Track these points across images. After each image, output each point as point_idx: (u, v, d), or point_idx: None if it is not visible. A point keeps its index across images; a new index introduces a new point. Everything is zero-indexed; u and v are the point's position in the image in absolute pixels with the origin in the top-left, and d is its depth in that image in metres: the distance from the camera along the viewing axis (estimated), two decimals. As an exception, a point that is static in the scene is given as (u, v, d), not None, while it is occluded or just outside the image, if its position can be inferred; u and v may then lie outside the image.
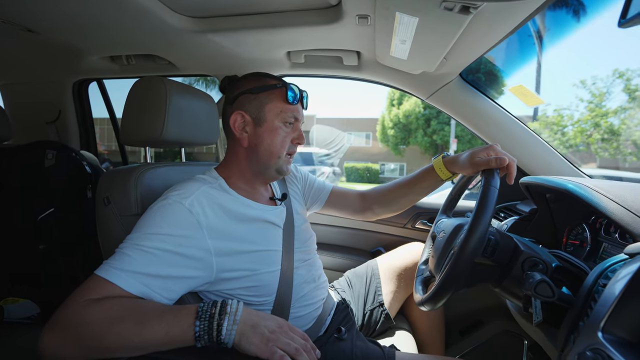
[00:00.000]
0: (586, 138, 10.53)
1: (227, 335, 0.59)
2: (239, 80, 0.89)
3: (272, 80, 0.87)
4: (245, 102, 0.85)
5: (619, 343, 0.46)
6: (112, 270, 0.64)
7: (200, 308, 0.61)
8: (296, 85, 0.87)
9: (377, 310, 1.16)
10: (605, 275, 0.58)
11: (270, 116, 0.85)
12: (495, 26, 0.87)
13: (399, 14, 0.75)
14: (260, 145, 0.85)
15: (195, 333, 0.58)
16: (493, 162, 0.80)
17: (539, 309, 0.68)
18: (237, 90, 0.87)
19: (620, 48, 23.59)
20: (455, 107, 1.33)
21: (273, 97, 0.85)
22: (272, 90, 0.85)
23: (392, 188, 1.11)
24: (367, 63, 1.31)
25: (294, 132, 0.89)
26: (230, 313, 0.60)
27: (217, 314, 0.60)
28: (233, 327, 0.59)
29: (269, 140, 0.85)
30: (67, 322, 0.59)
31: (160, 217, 0.71)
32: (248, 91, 0.85)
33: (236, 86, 0.88)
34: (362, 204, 1.15)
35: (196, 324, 0.58)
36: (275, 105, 0.85)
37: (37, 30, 1.15)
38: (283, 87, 0.85)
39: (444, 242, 0.87)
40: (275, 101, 0.85)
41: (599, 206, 0.71)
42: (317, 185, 1.15)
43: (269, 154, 0.86)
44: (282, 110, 0.85)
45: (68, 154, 1.44)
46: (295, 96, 0.86)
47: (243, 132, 0.86)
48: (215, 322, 0.59)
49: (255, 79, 0.88)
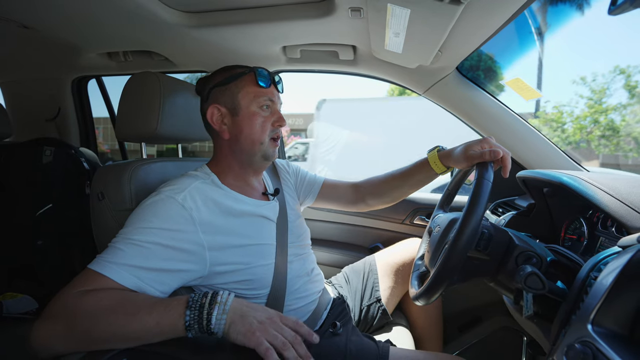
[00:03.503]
0: (586, 135, 10.45)
1: (217, 325, 0.59)
2: (209, 77, 0.90)
3: (240, 69, 0.88)
4: (218, 95, 0.86)
5: (608, 335, 0.45)
6: (105, 264, 0.64)
7: (191, 298, 0.61)
8: (265, 69, 0.88)
9: (374, 305, 1.16)
10: (598, 268, 0.58)
11: (245, 103, 0.85)
12: (489, 17, 0.86)
13: (390, 6, 0.74)
14: (241, 134, 0.86)
15: (186, 322, 0.58)
16: (487, 155, 0.79)
17: (530, 302, 0.67)
18: (209, 86, 0.87)
19: (621, 44, 23.37)
20: (452, 101, 1.32)
21: (243, 83, 0.86)
22: (241, 77, 0.86)
23: (385, 180, 1.10)
24: (363, 57, 1.30)
25: (273, 115, 0.89)
26: (221, 303, 0.60)
27: (208, 304, 0.60)
28: (222, 316, 0.59)
29: (248, 127, 0.85)
30: (57, 313, 0.59)
31: (152, 211, 0.71)
32: (218, 84, 0.86)
33: (208, 82, 0.89)
34: (355, 195, 1.15)
35: (186, 313, 0.59)
36: (246, 92, 0.85)
37: (33, 26, 1.16)
38: (251, 72, 0.86)
39: (439, 236, 0.86)
40: (246, 87, 0.86)
41: (593, 199, 0.70)
42: (308, 179, 1.15)
43: (250, 141, 0.86)
44: (254, 94, 0.86)
45: (66, 150, 1.45)
46: (265, 79, 0.86)
47: (222, 125, 0.86)
48: (205, 312, 0.59)
49: (224, 72, 0.88)
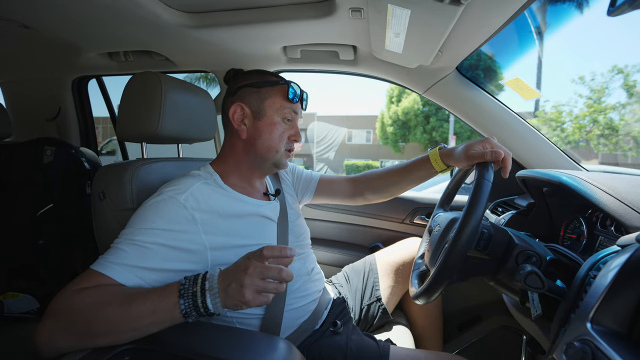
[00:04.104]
0: (585, 134, 10.47)
1: (215, 309, 0.60)
2: (242, 74, 0.91)
3: (275, 77, 0.89)
4: (247, 95, 0.86)
5: (608, 334, 0.46)
6: (107, 264, 0.64)
7: (182, 286, 0.61)
8: (298, 85, 0.89)
9: (374, 305, 1.17)
10: (597, 267, 0.58)
11: (270, 111, 0.86)
12: (489, 17, 0.86)
13: (391, 6, 0.75)
14: (259, 138, 0.86)
15: (182, 311, 0.59)
16: (488, 155, 0.79)
17: (537, 302, 0.67)
18: (240, 83, 0.88)
19: (620, 43, 23.39)
20: (453, 101, 1.32)
21: (274, 92, 0.86)
22: (275, 86, 0.87)
23: (384, 174, 1.10)
24: (363, 57, 1.30)
25: (291, 129, 0.90)
26: (210, 289, 0.60)
27: (199, 292, 0.60)
28: (216, 300, 0.60)
29: (268, 134, 0.86)
30: (57, 310, 0.60)
31: (154, 212, 0.72)
32: (251, 84, 0.86)
33: (239, 79, 0.89)
34: (353, 189, 1.15)
35: (180, 302, 0.59)
36: (275, 101, 0.86)
37: (33, 26, 1.16)
38: (285, 85, 0.87)
39: (439, 235, 0.87)
40: (275, 97, 0.86)
41: (593, 198, 0.71)
42: (305, 176, 1.15)
43: (267, 147, 0.87)
44: (281, 106, 0.86)
45: (66, 150, 1.45)
46: (296, 94, 0.87)
47: (241, 125, 0.87)
48: (199, 300, 0.59)
49: (258, 74, 0.89)
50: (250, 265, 0.59)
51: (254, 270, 0.58)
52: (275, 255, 0.61)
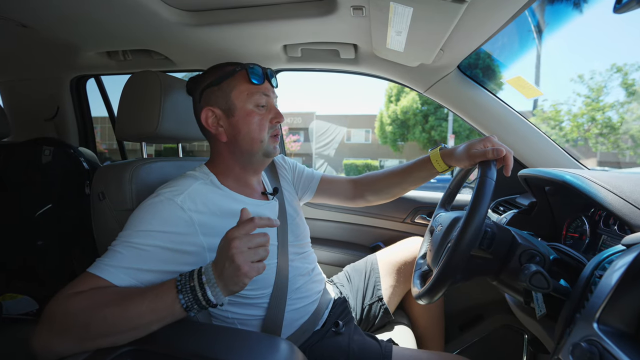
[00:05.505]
0: (583, 133, 10.49)
1: (217, 299, 0.60)
2: (200, 76, 0.87)
3: (230, 66, 0.84)
4: (211, 96, 0.83)
5: (615, 334, 0.45)
6: (103, 267, 0.64)
7: (179, 282, 0.61)
8: (258, 65, 0.84)
9: (376, 304, 1.16)
10: (602, 267, 0.58)
11: (239, 102, 0.82)
12: (491, 16, 0.85)
13: (393, 4, 0.74)
14: (239, 135, 0.83)
15: (183, 305, 0.59)
16: (490, 154, 0.79)
17: (542, 302, 0.67)
18: (200, 86, 0.85)
19: (619, 42, 23.43)
20: (454, 100, 1.32)
21: (236, 82, 0.82)
22: (233, 75, 0.83)
23: (385, 176, 1.10)
24: (364, 56, 1.29)
25: (270, 112, 0.86)
26: (208, 282, 0.60)
27: (198, 286, 0.60)
28: (216, 290, 0.60)
29: (246, 127, 0.83)
30: (53, 315, 0.59)
31: (151, 214, 0.71)
32: (210, 84, 0.83)
33: (198, 83, 0.86)
34: (354, 191, 1.14)
35: (179, 297, 0.59)
36: (240, 90, 0.82)
37: (32, 25, 1.15)
38: (242, 70, 0.83)
39: (441, 235, 0.86)
40: (239, 86, 0.82)
41: (597, 197, 0.70)
42: (306, 174, 1.14)
43: (250, 141, 0.83)
44: (249, 93, 0.82)
45: (65, 150, 1.44)
46: (259, 75, 0.83)
47: (218, 128, 0.84)
48: (199, 294, 0.60)
49: (214, 71, 0.85)
50: (232, 240, 0.59)
51: (240, 243, 0.59)
52: (249, 231, 0.61)
